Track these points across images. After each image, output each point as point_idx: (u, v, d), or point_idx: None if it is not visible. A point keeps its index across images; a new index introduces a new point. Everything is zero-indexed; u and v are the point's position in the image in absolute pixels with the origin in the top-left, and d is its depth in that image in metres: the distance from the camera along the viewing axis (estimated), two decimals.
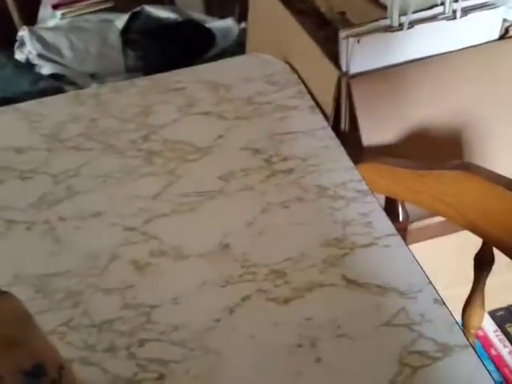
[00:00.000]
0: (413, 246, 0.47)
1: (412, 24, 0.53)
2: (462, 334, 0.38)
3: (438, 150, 0.56)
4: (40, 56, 0.91)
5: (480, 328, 0.55)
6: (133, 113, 0.61)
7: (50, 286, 0.45)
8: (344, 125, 0.55)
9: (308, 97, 0.59)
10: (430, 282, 0.41)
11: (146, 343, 0.41)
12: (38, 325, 0.32)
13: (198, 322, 0.41)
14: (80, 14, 1.10)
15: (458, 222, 0.48)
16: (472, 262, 0.54)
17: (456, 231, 0.70)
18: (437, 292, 0.40)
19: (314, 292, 0.42)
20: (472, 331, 0.53)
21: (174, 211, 0.50)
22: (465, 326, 0.53)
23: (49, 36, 0.93)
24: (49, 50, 0.91)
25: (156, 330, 0.41)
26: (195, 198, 0.51)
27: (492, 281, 0.62)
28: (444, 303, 0.40)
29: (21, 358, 0.28)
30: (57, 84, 0.88)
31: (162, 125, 0.59)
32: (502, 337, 0.82)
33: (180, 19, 1.01)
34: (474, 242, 0.55)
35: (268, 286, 0.43)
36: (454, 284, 0.67)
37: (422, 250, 0.54)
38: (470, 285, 0.57)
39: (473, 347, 0.37)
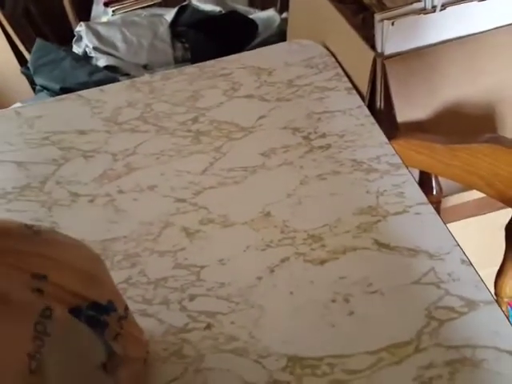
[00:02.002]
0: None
1: (444, 6, 0.55)
2: (487, 291, 0.40)
3: (470, 127, 0.57)
4: (96, 49, 0.99)
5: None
6: (182, 97, 0.67)
7: (110, 249, 0.51)
8: (379, 104, 0.58)
9: (345, 79, 0.62)
10: (458, 245, 0.43)
11: (196, 298, 0.46)
12: (108, 270, 0.38)
13: (242, 280, 0.46)
14: (130, 10, 1.18)
15: (490, 193, 0.50)
16: (502, 244, 0.55)
17: (488, 212, 0.71)
18: (464, 254, 0.43)
19: (347, 254, 0.46)
20: (505, 300, 0.55)
21: (220, 184, 0.55)
22: (497, 295, 0.55)
23: (104, 30, 1.00)
24: (104, 44, 0.98)
25: (204, 286, 0.46)
26: (239, 172, 0.56)
27: None
28: (471, 264, 0.42)
29: (98, 293, 0.34)
30: (112, 75, 0.95)
31: (209, 107, 0.64)
32: None
33: (224, 11, 1.05)
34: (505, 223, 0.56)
35: (305, 249, 0.47)
36: (485, 265, 0.68)
37: (454, 231, 0.56)
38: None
39: (505, 314, 0.40)
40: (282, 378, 0.39)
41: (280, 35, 0.95)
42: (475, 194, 0.70)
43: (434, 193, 0.56)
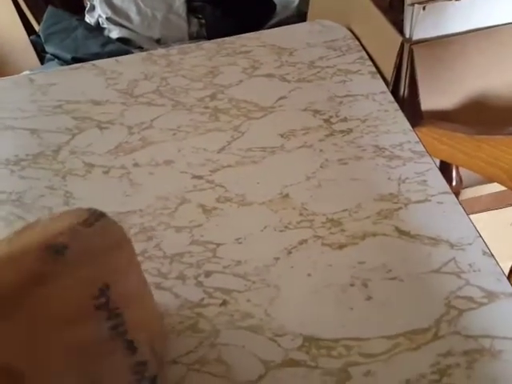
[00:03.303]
0: None
1: None
2: (508, 283, 0.40)
3: (494, 119, 0.57)
4: (109, 20, 0.97)
5: None
6: (201, 73, 0.65)
7: (125, 222, 0.51)
8: (403, 90, 0.57)
9: (369, 62, 0.61)
10: (480, 236, 0.43)
11: (212, 274, 0.45)
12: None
13: (259, 260, 0.46)
14: None
15: (511, 186, 0.50)
16: None
17: (504, 206, 0.71)
18: (486, 245, 0.43)
19: (367, 240, 0.45)
20: None
21: (238, 163, 0.54)
22: None
23: (118, 1, 0.98)
24: (117, 15, 0.96)
25: (221, 263, 0.46)
26: (258, 152, 0.55)
27: None
28: (492, 255, 0.42)
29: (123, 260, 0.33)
30: (124, 47, 0.93)
31: (228, 85, 0.63)
32: None
33: None
34: None
35: (324, 233, 0.47)
36: (502, 259, 0.68)
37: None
38: None
39: None
40: (298, 357, 0.39)
41: (298, 16, 0.94)
42: (489, 189, 0.69)
43: (454, 184, 0.56)
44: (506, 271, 0.60)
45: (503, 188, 0.69)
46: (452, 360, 0.37)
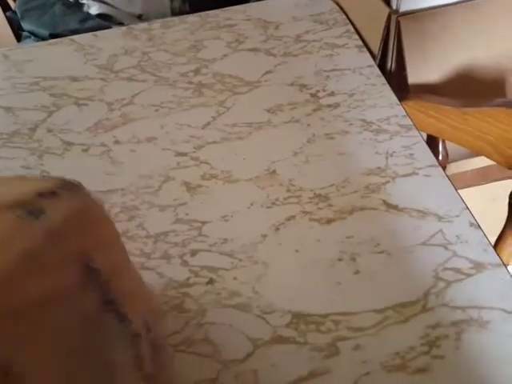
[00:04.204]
0: None
1: None
2: (495, 254, 0.40)
3: (481, 91, 0.56)
4: None
5: (509, 264, 0.57)
6: (183, 47, 0.63)
7: (106, 202, 0.49)
8: (390, 63, 0.56)
9: (356, 36, 0.60)
10: (467, 208, 0.43)
11: (198, 253, 0.44)
12: None
13: (246, 237, 0.45)
14: None
15: (498, 160, 0.49)
16: (505, 213, 0.56)
17: (488, 182, 0.72)
18: (473, 217, 0.42)
19: (355, 214, 0.45)
20: None
21: (223, 139, 0.53)
22: None
23: None
24: None
25: (207, 242, 0.45)
26: (244, 128, 0.54)
27: None
28: (479, 227, 0.42)
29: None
30: (105, 24, 0.90)
31: (212, 59, 0.61)
32: None
33: None
34: (505, 194, 0.56)
35: (312, 208, 0.46)
36: (487, 234, 0.69)
37: None
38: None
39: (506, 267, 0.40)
40: (286, 334, 0.38)
41: None
42: (474, 164, 0.70)
43: (440, 158, 0.55)
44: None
45: (488, 163, 0.69)
46: (440, 331, 0.37)
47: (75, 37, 0.69)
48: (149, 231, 0.46)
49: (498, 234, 0.59)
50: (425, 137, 0.56)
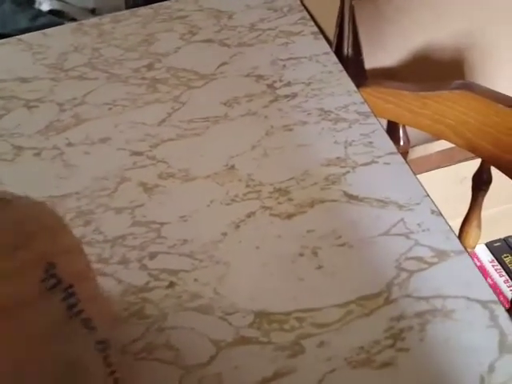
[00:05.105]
0: None
1: None
2: (457, 241, 0.40)
3: (439, 74, 0.56)
4: None
5: (475, 247, 0.57)
6: (135, 42, 0.61)
7: (60, 207, 0.47)
8: (347, 49, 0.55)
9: (311, 23, 0.59)
10: (428, 195, 0.42)
11: (157, 256, 0.43)
12: None
13: (206, 237, 0.43)
14: None
15: (458, 143, 0.49)
16: (467, 195, 0.56)
17: (454, 163, 0.72)
18: (434, 204, 0.42)
19: (315, 207, 0.44)
20: (468, 250, 0.55)
21: (179, 136, 0.51)
22: None
23: None
24: None
25: (166, 243, 0.44)
26: (200, 123, 0.52)
27: (489, 213, 0.64)
28: (441, 214, 0.41)
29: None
30: (57, 20, 0.86)
31: (165, 53, 0.59)
32: (498, 267, 0.85)
33: None
34: (471, 175, 0.56)
35: (272, 203, 0.45)
36: (451, 217, 0.70)
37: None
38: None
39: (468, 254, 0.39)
40: (249, 334, 0.37)
41: None
42: (438, 147, 0.70)
43: (402, 143, 0.55)
44: (458, 228, 0.61)
45: (452, 145, 0.69)
46: (405, 323, 0.37)
47: (23, 36, 0.66)
48: (106, 235, 0.45)
49: (463, 216, 0.59)
50: (384, 123, 0.55)
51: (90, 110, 0.55)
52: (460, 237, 0.55)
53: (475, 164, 0.56)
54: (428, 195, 0.43)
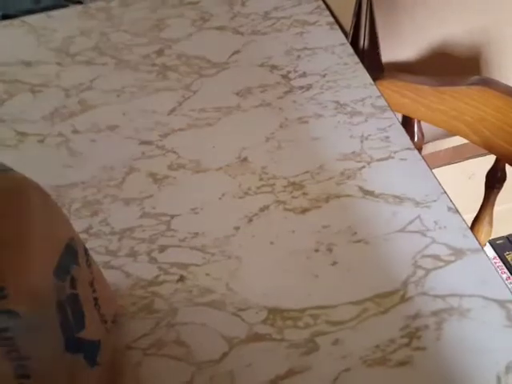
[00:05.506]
0: None
1: None
2: (474, 238, 0.39)
3: (456, 68, 0.54)
4: None
5: (485, 245, 0.57)
6: (145, 27, 0.59)
7: (66, 196, 0.46)
8: (363, 41, 0.54)
9: (327, 12, 0.57)
10: (445, 192, 0.42)
11: (167, 249, 0.42)
12: None
13: (218, 230, 0.42)
14: None
15: (474, 140, 0.48)
16: (481, 191, 0.55)
17: (467, 158, 0.71)
18: (451, 201, 0.41)
19: (330, 202, 0.43)
20: None
21: (190, 126, 0.50)
22: None
23: None
24: None
25: (176, 236, 0.43)
26: (212, 113, 0.51)
27: (494, 211, 0.63)
28: (457, 211, 0.41)
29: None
30: (61, 2, 0.84)
31: (176, 39, 0.57)
32: (501, 264, 0.85)
33: None
34: (485, 172, 0.55)
35: (286, 197, 0.44)
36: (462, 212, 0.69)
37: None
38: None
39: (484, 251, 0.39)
40: (263, 331, 0.36)
41: None
42: (447, 144, 0.69)
43: (416, 139, 0.54)
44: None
45: (462, 142, 0.68)
46: (421, 322, 0.36)
47: (27, 18, 0.63)
48: (113, 227, 0.44)
49: (471, 213, 0.59)
50: (399, 118, 0.54)
51: (97, 96, 0.54)
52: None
53: (484, 161, 0.55)
54: (445, 192, 0.42)
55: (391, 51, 0.53)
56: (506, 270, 0.85)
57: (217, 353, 0.36)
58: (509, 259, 0.85)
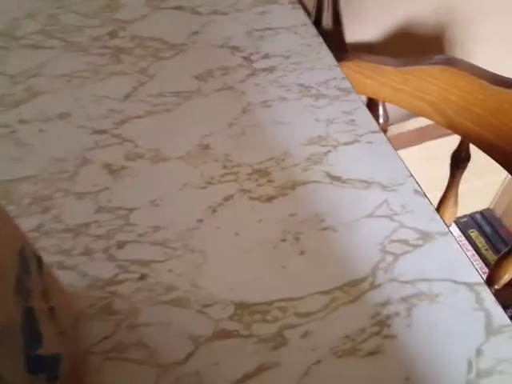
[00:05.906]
0: None
1: None
2: (442, 222, 0.38)
3: (420, 47, 0.54)
4: None
5: (451, 225, 0.57)
6: (96, 7, 0.55)
7: (14, 192, 0.42)
8: (326, 21, 0.52)
9: None
10: (412, 175, 0.41)
11: (126, 245, 0.39)
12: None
13: (180, 223, 0.40)
14: None
15: (439, 120, 0.48)
16: (444, 171, 0.55)
17: (431, 139, 0.71)
18: (418, 184, 0.40)
19: (297, 190, 0.41)
20: None
21: (148, 113, 0.47)
22: None
23: None
24: None
25: (135, 231, 0.40)
26: (170, 98, 0.48)
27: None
28: (425, 194, 0.40)
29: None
30: None
31: (130, 20, 0.54)
32: (465, 242, 0.86)
33: None
34: (448, 152, 0.55)
35: (251, 186, 0.42)
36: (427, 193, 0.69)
37: None
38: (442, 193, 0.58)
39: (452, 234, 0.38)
40: (230, 327, 0.35)
41: None
42: (411, 125, 0.68)
43: (381, 121, 0.53)
44: None
45: (427, 123, 0.68)
46: (391, 309, 0.35)
47: None
48: (67, 224, 0.41)
49: (434, 193, 0.59)
50: (364, 100, 0.53)
51: (45, 82, 0.50)
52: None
53: (447, 141, 0.55)
54: (412, 175, 0.41)
55: (354, 31, 0.51)
56: (470, 247, 0.87)
57: (182, 353, 0.34)
58: (473, 237, 0.86)
